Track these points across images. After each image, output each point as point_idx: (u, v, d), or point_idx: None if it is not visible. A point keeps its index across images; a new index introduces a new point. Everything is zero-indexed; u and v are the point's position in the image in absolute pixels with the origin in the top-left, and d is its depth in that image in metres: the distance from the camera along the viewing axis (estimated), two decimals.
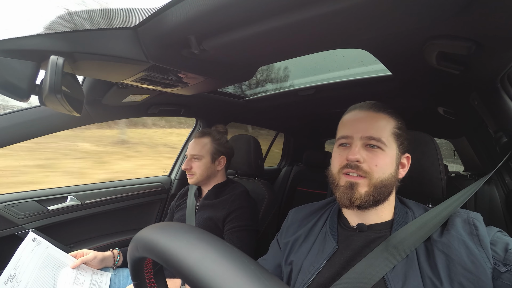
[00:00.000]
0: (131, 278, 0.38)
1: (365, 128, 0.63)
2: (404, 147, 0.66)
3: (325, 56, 1.16)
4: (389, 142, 0.63)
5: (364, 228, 0.65)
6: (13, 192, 1.19)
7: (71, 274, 0.94)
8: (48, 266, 0.90)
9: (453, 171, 2.42)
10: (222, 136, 1.28)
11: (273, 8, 0.55)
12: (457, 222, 0.57)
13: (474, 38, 0.61)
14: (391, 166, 0.63)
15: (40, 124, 1.05)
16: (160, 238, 0.29)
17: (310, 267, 0.66)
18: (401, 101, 1.47)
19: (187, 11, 0.58)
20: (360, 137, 0.63)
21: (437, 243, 0.57)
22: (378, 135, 0.62)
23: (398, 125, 0.66)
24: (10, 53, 0.60)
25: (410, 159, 0.68)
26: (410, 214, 0.65)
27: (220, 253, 0.25)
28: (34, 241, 0.92)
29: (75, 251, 1.05)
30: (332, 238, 0.67)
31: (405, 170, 0.68)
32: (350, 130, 0.65)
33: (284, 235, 0.79)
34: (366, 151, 0.62)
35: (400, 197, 0.71)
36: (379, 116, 0.65)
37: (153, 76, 0.87)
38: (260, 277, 0.23)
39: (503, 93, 0.84)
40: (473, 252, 0.52)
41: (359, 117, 0.66)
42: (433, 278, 0.53)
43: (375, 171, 0.61)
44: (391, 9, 0.53)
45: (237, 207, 1.11)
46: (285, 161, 2.80)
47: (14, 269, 0.81)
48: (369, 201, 0.60)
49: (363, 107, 0.68)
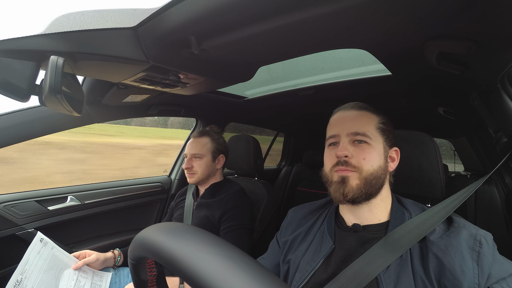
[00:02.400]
0: (131, 278, 0.38)
1: (350, 125, 0.66)
2: (391, 141, 0.68)
3: (325, 56, 1.16)
4: (374, 136, 0.65)
5: (359, 229, 0.66)
6: (13, 192, 1.19)
7: (73, 276, 0.95)
8: (52, 268, 0.90)
9: (453, 171, 2.42)
10: (219, 136, 1.31)
11: (273, 8, 0.55)
12: (463, 234, 0.56)
13: (474, 38, 0.61)
14: (379, 158, 0.65)
15: (40, 124, 1.05)
16: (160, 238, 0.29)
17: (307, 265, 0.67)
18: (401, 101, 1.47)
19: (187, 11, 0.58)
20: (347, 134, 0.66)
21: (433, 246, 0.57)
22: (363, 130, 0.65)
23: (382, 121, 0.68)
24: (10, 53, 0.60)
25: (399, 153, 0.70)
26: (406, 215, 0.66)
27: (218, 251, 0.25)
28: (41, 241, 0.92)
29: (78, 252, 1.05)
30: (329, 238, 0.68)
31: (395, 164, 0.70)
32: (337, 129, 0.68)
33: (283, 234, 0.81)
34: (353, 146, 0.65)
35: (398, 197, 0.72)
36: (362, 113, 0.69)
37: (153, 76, 0.87)
38: (258, 275, 0.23)
39: (503, 93, 0.84)
40: (467, 264, 0.52)
41: (344, 116, 0.70)
42: (425, 280, 0.54)
43: (363, 164, 0.63)
44: (391, 9, 0.53)
45: (232, 206, 1.13)
46: (285, 161, 2.80)
47: (21, 274, 0.81)
48: (361, 194, 0.62)
49: (346, 107, 0.72)
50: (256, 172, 1.48)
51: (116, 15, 0.65)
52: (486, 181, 1.76)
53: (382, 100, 1.45)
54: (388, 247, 0.59)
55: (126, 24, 0.66)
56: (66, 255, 0.98)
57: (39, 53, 0.62)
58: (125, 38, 0.68)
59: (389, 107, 1.59)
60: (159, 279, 0.39)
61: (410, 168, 0.76)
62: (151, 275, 0.38)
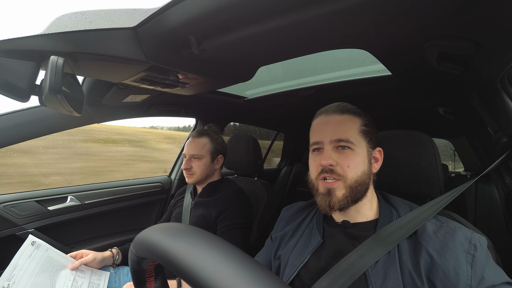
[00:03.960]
0: (132, 280, 0.38)
1: (332, 132, 0.66)
2: (374, 142, 0.68)
3: (325, 56, 1.16)
4: (357, 141, 0.65)
5: (348, 225, 0.67)
6: (13, 192, 1.19)
7: (70, 277, 0.94)
8: (47, 270, 0.90)
9: (453, 171, 2.42)
10: (218, 136, 1.30)
11: (273, 8, 0.55)
12: (458, 237, 0.57)
13: (474, 38, 0.61)
14: (363, 164, 0.65)
15: (40, 124, 1.05)
16: (159, 238, 0.29)
17: (296, 260, 0.68)
18: (401, 101, 1.47)
19: (187, 12, 0.58)
20: (330, 141, 0.65)
21: (427, 243, 0.57)
22: (346, 136, 0.64)
23: (364, 123, 0.68)
24: (10, 53, 0.60)
25: (382, 152, 0.70)
26: (394, 213, 0.66)
27: (217, 251, 0.26)
28: (33, 244, 0.91)
29: (75, 252, 1.04)
30: (318, 233, 0.70)
31: (379, 164, 0.70)
32: (320, 136, 0.68)
33: (275, 230, 0.83)
34: (337, 153, 0.65)
35: (385, 194, 0.73)
36: (344, 117, 0.67)
37: (153, 76, 0.87)
38: (256, 274, 0.23)
39: (503, 93, 0.84)
40: (461, 266, 0.53)
41: (326, 121, 0.69)
42: (413, 275, 0.55)
43: (348, 172, 0.63)
44: (391, 9, 0.53)
45: (228, 206, 1.13)
46: (285, 161, 2.80)
47: (7, 280, 0.79)
48: (348, 202, 0.63)
49: (328, 111, 0.70)
50: (256, 172, 1.48)
51: (116, 15, 0.64)
52: (486, 181, 1.77)
53: (382, 100, 1.45)
54: (381, 241, 0.60)
55: (126, 24, 0.66)
56: (63, 255, 0.97)
57: (39, 53, 0.62)
58: (125, 38, 0.68)
59: (389, 107, 1.59)
60: (157, 268, 0.39)
61: (409, 168, 0.76)
62: (152, 264, 0.38)
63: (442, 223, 0.61)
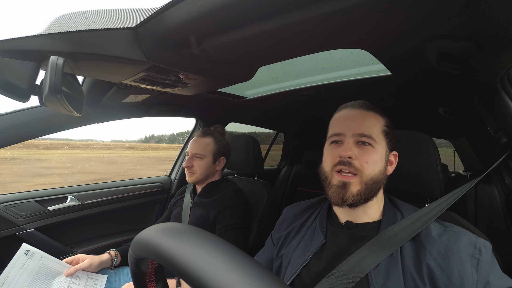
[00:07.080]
0: (133, 284, 0.38)
1: (356, 126, 0.65)
2: (392, 145, 0.68)
3: (325, 56, 1.16)
4: (379, 139, 0.65)
5: (351, 226, 0.67)
6: (13, 192, 1.19)
7: (64, 284, 0.92)
8: (40, 279, 0.89)
9: (453, 171, 2.42)
10: (223, 137, 1.30)
11: (273, 8, 0.55)
12: (463, 241, 0.56)
13: (474, 38, 0.61)
14: (381, 162, 0.64)
15: (40, 124, 1.05)
16: (156, 237, 0.29)
17: (298, 259, 0.68)
18: (401, 101, 1.47)
19: (187, 11, 0.58)
20: (352, 134, 0.65)
21: (431, 246, 0.57)
22: (369, 132, 0.64)
23: (386, 123, 0.68)
24: (10, 53, 0.60)
25: (397, 157, 0.70)
26: (398, 215, 0.66)
27: (216, 250, 0.26)
28: (26, 254, 0.90)
29: (70, 257, 1.03)
30: (321, 233, 0.69)
31: (393, 167, 0.69)
32: (342, 128, 0.67)
33: (277, 230, 0.82)
34: (357, 148, 0.64)
35: (391, 197, 0.72)
36: (369, 114, 0.67)
37: (153, 76, 0.87)
38: (254, 273, 0.23)
39: (503, 93, 0.84)
40: (466, 271, 0.52)
41: (350, 115, 0.68)
42: (416, 278, 0.54)
43: (365, 167, 0.62)
44: (391, 9, 0.53)
45: (227, 206, 1.13)
46: (285, 161, 2.80)
47: None
48: (361, 199, 0.62)
49: (354, 105, 0.70)
50: (256, 172, 1.48)
51: (116, 15, 0.64)
52: (486, 181, 1.77)
53: (382, 100, 1.45)
54: (382, 244, 0.59)
55: (126, 24, 0.66)
56: (58, 262, 0.96)
57: (39, 53, 0.62)
58: (125, 38, 0.68)
59: (389, 107, 1.59)
60: (158, 272, 0.39)
61: (409, 168, 0.76)
62: (152, 267, 0.38)
63: (447, 227, 0.61)
